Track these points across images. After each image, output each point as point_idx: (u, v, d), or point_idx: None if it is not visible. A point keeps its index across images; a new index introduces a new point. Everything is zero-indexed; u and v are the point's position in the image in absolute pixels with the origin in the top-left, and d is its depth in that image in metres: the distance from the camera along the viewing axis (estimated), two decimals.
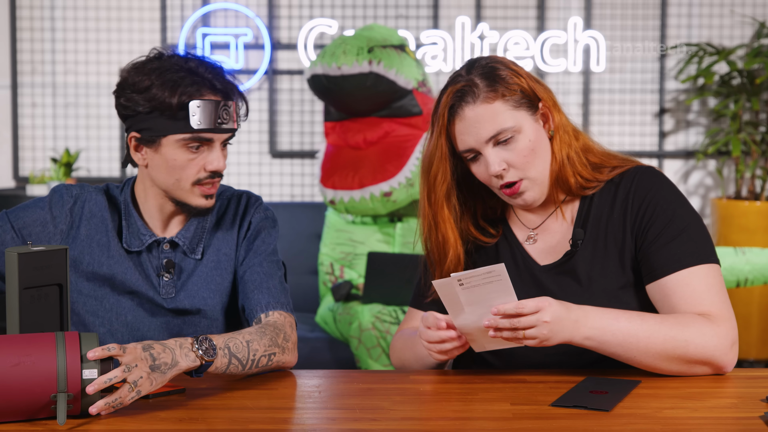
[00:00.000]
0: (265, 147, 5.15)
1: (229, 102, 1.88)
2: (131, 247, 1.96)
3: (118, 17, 5.12)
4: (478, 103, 1.79)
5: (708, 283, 1.76)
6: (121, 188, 2.03)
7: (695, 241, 1.78)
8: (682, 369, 1.73)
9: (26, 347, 1.47)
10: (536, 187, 1.83)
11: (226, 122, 1.88)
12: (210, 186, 1.91)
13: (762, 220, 4.74)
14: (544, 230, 1.90)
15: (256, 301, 1.93)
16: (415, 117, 3.95)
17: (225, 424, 1.52)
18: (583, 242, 1.85)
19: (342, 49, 3.80)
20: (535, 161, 1.81)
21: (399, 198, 3.88)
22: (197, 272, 1.97)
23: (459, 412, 1.58)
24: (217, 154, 1.90)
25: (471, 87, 1.80)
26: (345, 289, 3.92)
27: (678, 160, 5.19)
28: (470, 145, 1.81)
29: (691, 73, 5.07)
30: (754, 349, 4.79)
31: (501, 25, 5.09)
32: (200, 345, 1.66)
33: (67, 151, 4.83)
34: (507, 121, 1.79)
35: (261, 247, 2.00)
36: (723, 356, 1.72)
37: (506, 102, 1.79)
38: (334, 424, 1.55)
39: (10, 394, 1.45)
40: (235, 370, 1.75)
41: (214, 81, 1.87)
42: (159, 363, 1.58)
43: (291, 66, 5.10)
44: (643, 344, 1.69)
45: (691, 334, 1.70)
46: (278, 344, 1.84)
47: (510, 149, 1.80)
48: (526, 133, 1.81)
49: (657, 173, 1.86)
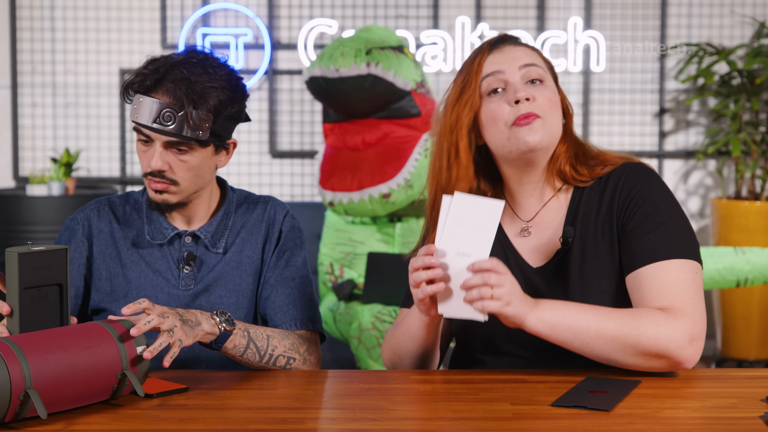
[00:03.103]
0: (265, 147, 5.15)
1: (178, 107, 1.88)
2: (155, 240, 2.02)
3: (118, 17, 5.13)
4: (520, 46, 1.88)
5: (677, 279, 1.74)
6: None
7: (673, 236, 1.78)
8: (638, 362, 1.71)
9: (82, 335, 1.58)
10: (548, 133, 1.83)
11: (168, 125, 1.89)
12: (155, 182, 1.95)
13: (762, 220, 4.74)
14: (539, 221, 1.90)
15: (288, 317, 2.00)
16: (414, 118, 3.95)
17: (225, 424, 1.52)
18: (573, 240, 1.85)
19: (340, 51, 3.80)
20: (553, 114, 1.83)
21: (398, 199, 3.87)
22: (217, 269, 2.02)
23: (459, 412, 1.58)
24: (155, 152, 1.92)
25: (514, 37, 1.91)
26: (348, 288, 3.92)
27: (678, 160, 5.19)
28: (502, 68, 1.84)
29: (691, 73, 5.07)
30: (754, 349, 4.79)
31: (501, 25, 5.09)
32: (219, 316, 1.79)
33: (67, 151, 4.83)
34: (541, 65, 1.86)
35: (292, 260, 2.06)
36: (679, 350, 1.69)
37: (543, 60, 1.89)
38: (334, 424, 1.56)
39: (86, 375, 1.54)
40: (252, 358, 1.83)
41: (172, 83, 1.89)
42: (186, 319, 1.73)
43: (291, 66, 5.11)
44: (593, 329, 1.70)
45: (643, 324, 1.69)
46: (300, 353, 1.93)
47: (536, 89, 1.83)
48: (551, 87, 1.86)
49: (645, 169, 1.86)
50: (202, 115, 1.89)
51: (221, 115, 1.93)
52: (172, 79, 1.89)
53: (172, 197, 1.96)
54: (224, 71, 1.94)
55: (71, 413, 1.55)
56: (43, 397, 1.48)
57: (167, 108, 1.88)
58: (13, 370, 1.46)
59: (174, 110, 1.88)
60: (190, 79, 1.89)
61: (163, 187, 1.94)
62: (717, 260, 3.75)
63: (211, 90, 1.90)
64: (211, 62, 1.94)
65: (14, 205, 4.60)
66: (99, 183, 5.17)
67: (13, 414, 1.47)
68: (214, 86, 1.91)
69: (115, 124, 5.16)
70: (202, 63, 1.92)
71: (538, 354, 1.84)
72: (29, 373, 1.47)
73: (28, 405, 1.47)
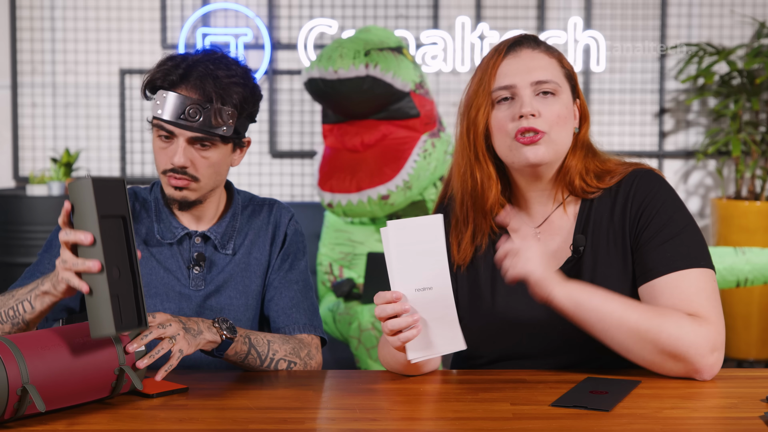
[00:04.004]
0: (265, 147, 5.15)
1: (204, 103, 1.88)
2: (165, 240, 2.01)
3: (118, 17, 5.13)
4: (538, 51, 1.84)
5: (698, 287, 1.74)
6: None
7: (689, 245, 1.77)
8: (656, 360, 1.70)
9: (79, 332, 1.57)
10: (551, 149, 1.81)
11: (193, 120, 1.88)
12: (175, 179, 1.93)
13: (762, 220, 4.74)
14: (549, 228, 1.89)
15: (291, 320, 2.01)
16: (413, 119, 3.94)
17: (225, 424, 1.52)
18: (584, 249, 1.85)
19: (338, 53, 3.79)
20: (560, 129, 1.81)
21: (396, 201, 3.87)
22: (227, 270, 2.02)
23: (459, 412, 1.58)
24: (178, 148, 1.91)
25: (534, 38, 1.86)
26: (347, 286, 3.92)
27: (678, 160, 5.19)
28: (513, 82, 1.81)
29: (691, 73, 5.07)
30: (754, 349, 4.79)
31: (501, 25, 5.09)
32: (221, 324, 1.79)
33: (67, 151, 4.83)
34: (557, 77, 1.82)
35: (296, 264, 2.06)
36: (699, 357, 1.68)
37: (561, 67, 1.85)
38: (334, 424, 1.56)
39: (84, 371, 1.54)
40: (253, 363, 1.84)
41: (198, 79, 1.88)
42: (188, 327, 1.72)
43: (291, 66, 5.11)
44: (617, 316, 1.69)
45: (667, 322, 1.68)
46: (300, 357, 1.93)
47: (546, 103, 1.80)
48: (563, 101, 1.82)
49: (656, 176, 1.85)
50: (228, 110, 1.90)
51: (244, 111, 1.94)
52: (197, 74, 1.88)
53: (192, 194, 1.96)
54: (242, 69, 1.95)
55: (72, 414, 1.55)
56: (41, 393, 1.48)
57: (194, 104, 1.87)
58: (10, 365, 1.46)
59: (200, 106, 1.88)
60: (216, 74, 1.89)
61: (184, 184, 1.93)
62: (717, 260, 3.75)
63: (235, 86, 1.90)
64: (231, 60, 1.94)
65: (14, 205, 4.60)
66: None
67: (12, 410, 1.47)
68: (237, 83, 1.91)
69: (115, 124, 5.16)
70: (222, 60, 1.93)
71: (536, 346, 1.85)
72: (26, 369, 1.48)
73: (27, 400, 1.47)
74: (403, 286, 1.64)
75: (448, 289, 1.65)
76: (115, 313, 1.53)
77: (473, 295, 1.89)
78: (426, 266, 1.64)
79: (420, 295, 1.64)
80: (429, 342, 1.66)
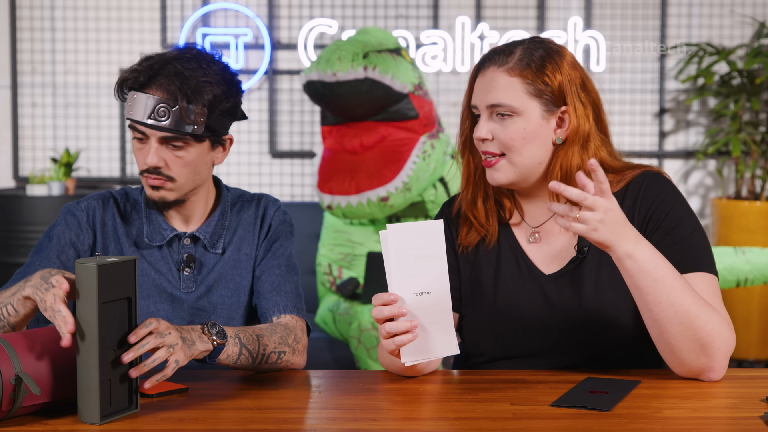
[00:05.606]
0: (265, 147, 5.15)
1: (172, 102, 1.88)
2: (153, 242, 2.00)
3: (118, 17, 5.13)
4: (501, 70, 1.82)
5: (711, 290, 1.74)
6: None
7: (697, 249, 1.77)
8: (685, 347, 1.68)
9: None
10: (511, 171, 1.81)
11: (162, 120, 1.88)
12: (151, 179, 1.94)
13: (762, 220, 4.74)
14: (549, 229, 1.89)
15: (272, 303, 1.98)
16: (412, 120, 3.94)
17: (225, 424, 1.52)
18: (589, 249, 1.84)
19: (337, 55, 3.78)
20: (522, 148, 1.80)
21: (396, 202, 3.87)
22: (217, 269, 2.01)
23: (459, 412, 1.58)
24: (150, 148, 1.91)
25: (506, 53, 1.83)
26: (352, 285, 3.92)
27: (678, 160, 5.19)
28: (475, 103, 1.84)
29: (691, 73, 5.07)
30: (754, 349, 4.79)
31: (501, 25, 5.09)
32: (210, 329, 1.74)
33: (67, 151, 4.83)
34: (512, 99, 1.79)
35: (279, 250, 2.05)
36: (723, 357, 1.70)
37: (526, 84, 1.80)
38: (334, 424, 1.55)
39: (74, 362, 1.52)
40: (245, 362, 1.80)
41: (166, 78, 1.88)
42: (184, 336, 1.66)
43: (291, 66, 5.10)
44: (673, 294, 1.65)
45: (714, 315, 1.67)
46: (288, 344, 1.90)
47: (503, 125, 1.80)
48: (525, 120, 1.80)
49: (664, 179, 1.84)
50: (196, 109, 1.89)
51: (216, 109, 1.92)
52: (165, 74, 1.89)
53: (170, 194, 1.95)
54: (218, 66, 1.94)
55: (72, 413, 1.54)
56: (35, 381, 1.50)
57: (161, 103, 1.88)
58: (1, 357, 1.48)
59: (168, 105, 1.88)
60: (183, 74, 1.89)
61: (159, 184, 1.93)
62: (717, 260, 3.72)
63: (206, 84, 1.90)
64: (205, 58, 1.93)
65: (14, 205, 4.60)
66: (99, 183, 5.17)
67: (9, 401, 1.47)
68: (209, 81, 1.90)
69: (115, 124, 5.16)
70: (196, 58, 1.92)
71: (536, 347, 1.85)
72: (17, 359, 1.49)
73: (22, 390, 1.48)
74: (402, 289, 1.63)
75: (446, 294, 1.64)
76: (103, 402, 1.50)
77: (476, 292, 1.89)
78: (425, 270, 1.63)
79: (418, 299, 1.63)
80: (424, 346, 1.65)
